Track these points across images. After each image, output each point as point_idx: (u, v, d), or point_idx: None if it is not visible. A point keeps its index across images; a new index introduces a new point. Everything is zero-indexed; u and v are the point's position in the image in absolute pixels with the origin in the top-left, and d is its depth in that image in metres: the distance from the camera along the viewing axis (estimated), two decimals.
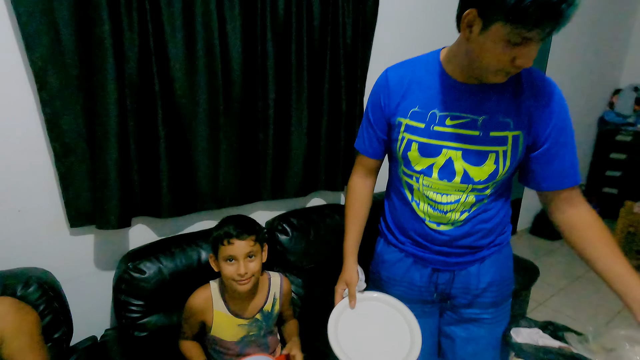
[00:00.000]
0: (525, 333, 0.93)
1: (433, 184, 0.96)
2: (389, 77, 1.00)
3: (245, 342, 1.20)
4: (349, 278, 1.10)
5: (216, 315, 1.17)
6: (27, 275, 1.18)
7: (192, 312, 1.17)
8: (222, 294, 1.19)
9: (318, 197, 2.01)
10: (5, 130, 1.18)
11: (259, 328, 1.21)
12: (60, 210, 1.31)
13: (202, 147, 1.45)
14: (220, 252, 1.11)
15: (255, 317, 1.21)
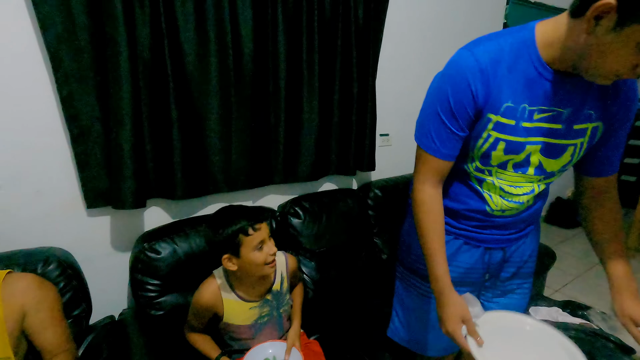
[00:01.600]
0: (545, 311, 0.92)
1: (506, 177, 0.90)
2: (480, 60, 0.79)
3: (259, 324, 1.20)
4: (462, 313, 0.88)
5: (226, 303, 1.16)
6: (46, 254, 1.20)
7: (202, 308, 1.16)
8: (228, 281, 1.18)
9: (329, 182, 2.01)
10: (23, 112, 1.19)
11: (271, 307, 1.22)
12: (77, 192, 1.34)
13: (214, 129, 1.45)
14: (246, 244, 1.07)
15: (265, 297, 1.21)
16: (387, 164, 2.16)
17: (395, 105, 2.14)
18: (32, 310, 1.03)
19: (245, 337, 1.20)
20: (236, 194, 1.68)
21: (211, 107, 1.42)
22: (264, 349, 1.17)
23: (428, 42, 2.18)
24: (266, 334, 1.22)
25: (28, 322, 1.03)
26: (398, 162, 2.25)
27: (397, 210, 2.00)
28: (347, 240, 1.83)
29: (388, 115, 2.09)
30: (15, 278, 1.05)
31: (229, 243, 1.07)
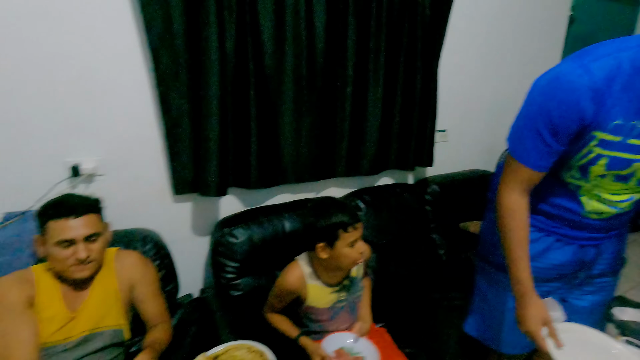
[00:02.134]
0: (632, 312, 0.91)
1: (606, 185, 0.88)
2: (595, 78, 0.74)
3: (336, 308, 1.27)
4: (543, 314, 0.91)
5: (310, 289, 1.22)
6: (143, 235, 1.34)
7: (286, 292, 1.22)
8: (312, 268, 1.24)
9: (386, 177, 2.04)
10: (126, 107, 1.32)
11: (348, 292, 1.28)
12: (166, 180, 1.46)
13: (287, 124, 1.52)
14: (343, 239, 1.12)
15: (343, 283, 1.27)
16: (443, 160, 2.16)
17: (453, 101, 2.13)
18: (138, 283, 1.16)
19: (323, 319, 1.27)
20: (300, 186, 1.75)
21: (285, 103, 1.50)
22: (343, 337, 1.23)
23: (490, 36, 2.14)
24: (342, 317, 1.28)
25: (135, 294, 1.16)
26: (454, 158, 2.24)
27: (456, 206, 2.01)
28: (405, 234, 1.86)
29: (445, 111, 2.08)
30: (124, 254, 1.18)
31: (327, 233, 1.12)
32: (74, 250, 0.98)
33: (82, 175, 1.28)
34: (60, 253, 0.97)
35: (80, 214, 0.99)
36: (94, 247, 1.02)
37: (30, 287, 0.98)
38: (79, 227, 0.98)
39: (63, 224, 0.96)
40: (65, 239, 0.96)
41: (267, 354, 1.05)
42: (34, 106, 1.20)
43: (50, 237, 0.97)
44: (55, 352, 0.96)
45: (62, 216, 0.97)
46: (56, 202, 1.00)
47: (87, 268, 1.01)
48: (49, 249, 0.98)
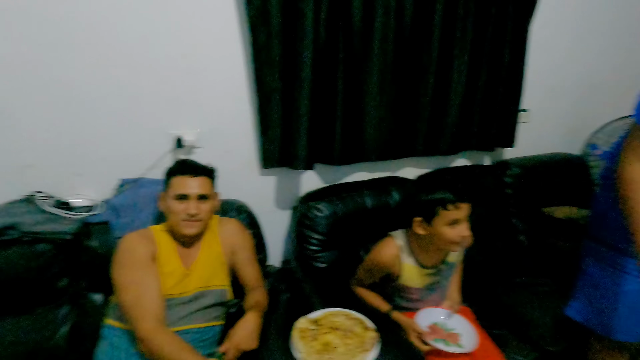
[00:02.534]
0: None
1: None
2: None
3: (429, 288, 1.25)
4: None
5: (405, 267, 1.20)
6: (237, 205, 1.41)
7: (380, 267, 1.21)
8: (408, 246, 1.21)
9: (462, 158, 1.97)
10: (222, 81, 1.38)
11: (442, 277, 1.26)
12: (254, 153, 1.52)
13: (372, 100, 1.51)
14: (441, 217, 1.09)
15: (439, 267, 1.24)
16: (523, 142, 2.04)
17: (537, 80, 1.99)
18: (239, 248, 1.22)
19: (413, 298, 1.26)
20: (377, 164, 1.74)
21: (371, 79, 1.48)
22: (435, 313, 1.22)
23: (582, 9, 1.97)
24: (433, 297, 1.27)
25: (236, 258, 1.22)
26: (535, 140, 2.10)
27: (539, 190, 1.90)
28: (483, 217, 1.79)
29: (528, 89, 1.94)
30: (225, 221, 1.25)
31: (426, 209, 1.11)
32: (187, 205, 1.07)
33: (184, 147, 1.37)
34: (176, 206, 1.07)
35: (197, 174, 1.10)
36: (203, 207, 1.11)
37: (152, 243, 1.07)
38: (194, 185, 1.08)
39: (183, 180, 1.08)
40: (182, 194, 1.07)
41: (367, 322, 1.07)
42: (145, 82, 1.29)
43: (170, 191, 1.09)
44: (173, 305, 1.05)
45: (183, 173, 1.08)
46: (181, 162, 1.13)
47: (195, 225, 1.10)
48: (168, 202, 1.08)
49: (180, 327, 1.04)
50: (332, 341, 1.01)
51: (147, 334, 0.91)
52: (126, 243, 1.04)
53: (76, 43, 1.19)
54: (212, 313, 1.12)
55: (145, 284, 0.98)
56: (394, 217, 1.54)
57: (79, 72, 1.22)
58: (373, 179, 1.67)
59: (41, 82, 1.19)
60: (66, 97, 1.22)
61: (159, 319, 0.95)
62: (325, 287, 1.35)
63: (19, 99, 1.18)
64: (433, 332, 1.16)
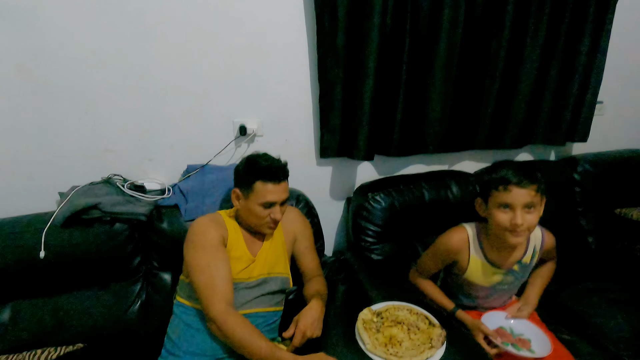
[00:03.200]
0: None
1: None
2: None
3: (496, 289, 1.19)
4: None
5: (472, 260, 1.14)
6: (296, 194, 1.42)
7: (448, 250, 1.16)
8: (478, 239, 1.15)
9: (525, 152, 1.86)
10: (285, 70, 1.39)
11: (515, 278, 1.18)
12: (312, 143, 1.52)
13: (437, 91, 1.45)
14: (493, 198, 1.04)
15: (512, 268, 1.17)
16: (594, 137, 1.88)
17: (616, 68, 1.82)
18: (300, 236, 1.23)
19: (478, 296, 1.21)
20: (434, 157, 1.69)
21: (436, 67, 1.42)
22: (500, 316, 1.17)
23: None
24: (500, 296, 1.22)
25: (296, 246, 1.24)
26: (609, 135, 1.94)
27: (612, 189, 1.76)
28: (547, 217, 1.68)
29: (604, 79, 1.79)
30: (287, 210, 1.25)
31: (483, 189, 1.09)
32: (272, 211, 1.07)
33: (248, 135, 1.39)
34: (262, 212, 1.06)
35: (281, 180, 1.07)
36: (284, 210, 1.12)
37: (222, 228, 1.10)
38: (280, 192, 1.07)
39: (269, 188, 1.05)
40: (270, 202, 1.05)
41: (432, 318, 1.04)
42: (212, 71, 1.32)
43: (254, 196, 1.05)
44: (239, 288, 1.08)
45: (270, 180, 1.05)
46: (266, 167, 1.06)
47: (276, 227, 1.12)
48: (250, 205, 1.07)
49: (246, 310, 1.07)
50: (397, 335, 1.00)
51: (219, 315, 0.94)
52: (199, 226, 1.07)
53: (151, 34, 1.24)
54: (275, 299, 1.15)
55: (217, 267, 1.01)
56: (453, 211, 1.49)
57: (152, 62, 1.27)
58: (431, 172, 1.61)
59: (119, 72, 1.25)
60: (140, 86, 1.28)
61: (229, 301, 0.98)
62: (382, 280, 1.33)
63: (100, 87, 1.25)
64: (500, 335, 1.11)
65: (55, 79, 1.21)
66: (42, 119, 1.24)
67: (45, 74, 1.20)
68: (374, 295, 1.24)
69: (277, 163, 1.10)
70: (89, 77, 1.23)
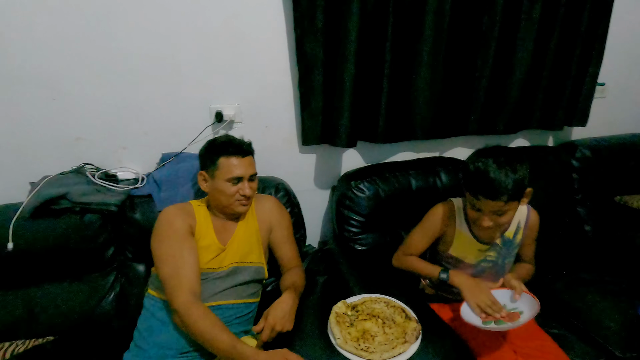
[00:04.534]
0: None
1: None
2: None
3: (481, 267, 1.16)
4: None
5: (457, 234, 1.14)
6: (276, 182, 1.37)
7: (436, 220, 1.15)
8: (465, 214, 1.13)
9: (521, 138, 1.78)
10: (262, 52, 1.32)
11: (498, 254, 1.15)
12: (294, 129, 1.46)
13: (423, 74, 1.38)
14: (467, 195, 1.05)
15: (496, 242, 1.14)
16: (595, 120, 1.79)
17: (620, 48, 1.72)
18: (276, 226, 1.19)
19: None
20: (424, 144, 1.62)
21: (423, 47, 1.34)
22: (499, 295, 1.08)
23: None
24: (485, 278, 1.15)
25: (272, 236, 1.19)
26: (611, 118, 1.85)
27: (612, 176, 1.67)
28: (543, 204, 1.60)
29: (607, 59, 1.68)
30: (263, 199, 1.22)
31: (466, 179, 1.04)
32: (241, 187, 1.05)
33: (224, 122, 1.34)
34: (229, 189, 1.04)
35: (245, 154, 1.07)
36: (254, 186, 1.09)
37: (191, 217, 1.06)
38: (246, 166, 1.06)
39: (233, 162, 1.04)
40: (236, 176, 1.04)
41: (409, 311, 0.99)
42: (185, 53, 1.26)
43: (220, 173, 1.04)
44: (209, 279, 1.05)
45: (232, 154, 1.04)
46: (225, 141, 1.07)
47: (247, 203, 1.09)
48: (218, 183, 1.05)
49: (216, 302, 1.03)
50: (370, 329, 0.95)
51: (183, 307, 0.91)
52: (165, 216, 1.04)
53: (119, 15, 1.18)
54: (248, 290, 1.11)
55: (183, 257, 0.97)
56: (441, 200, 1.42)
57: (122, 45, 1.21)
58: (420, 159, 1.55)
59: (86, 55, 1.20)
60: (110, 70, 1.23)
61: (195, 292, 0.94)
62: (364, 271, 1.28)
63: (67, 72, 1.20)
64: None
65: (18, 64, 1.16)
66: (8, 107, 1.19)
67: (7, 59, 1.15)
68: (354, 287, 1.19)
69: (238, 139, 1.10)
70: (54, 61, 1.18)
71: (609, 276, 1.42)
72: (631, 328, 1.16)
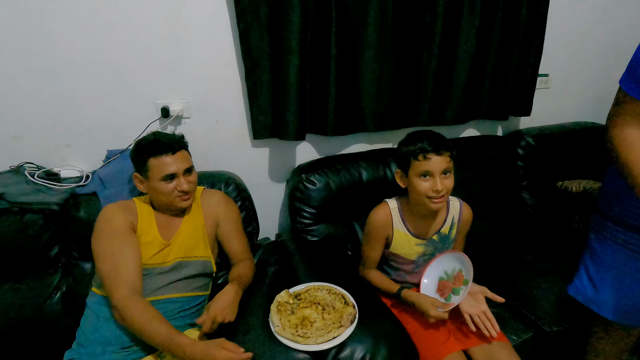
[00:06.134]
0: None
1: None
2: None
3: (420, 261, 1.20)
4: None
5: (396, 233, 1.17)
6: (226, 177, 1.37)
7: (377, 227, 1.17)
8: (400, 213, 1.18)
9: (472, 128, 1.84)
10: (208, 48, 1.31)
11: (435, 249, 1.20)
12: (245, 124, 1.47)
13: (369, 66, 1.40)
14: (413, 168, 1.06)
15: (432, 237, 1.19)
16: (541, 110, 1.88)
17: (563, 40, 1.80)
18: (223, 220, 1.20)
19: (405, 269, 1.22)
20: (377, 135, 1.66)
21: (368, 40, 1.37)
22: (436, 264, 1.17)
23: None
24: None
25: (220, 230, 1.20)
26: (556, 108, 1.94)
27: (554, 163, 1.76)
28: (491, 191, 1.68)
29: (550, 51, 1.76)
30: (209, 193, 1.23)
31: (402, 160, 1.10)
32: (177, 183, 1.05)
33: (171, 117, 1.33)
34: (166, 187, 1.04)
35: (175, 150, 1.06)
36: (192, 179, 1.10)
37: (132, 214, 1.06)
38: (177, 162, 1.05)
39: (164, 161, 1.03)
40: (168, 174, 1.04)
41: (348, 297, 1.03)
42: (127, 50, 1.24)
43: (153, 174, 1.04)
44: (153, 274, 1.05)
45: (161, 153, 1.03)
46: (152, 141, 1.06)
47: (188, 197, 1.09)
48: (153, 184, 1.05)
49: (161, 296, 1.03)
50: (310, 316, 0.98)
51: (121, 302, 0.91)
52: (105, 213, 1.03)
53: (52, 8, 1.15)
54: (194, 283, 1.12)
55: (122, 253, 0.97)
56: (391, 190, 1.46)
57: (58, 39, 1.18)
58: (371, 151, 1.59)
59: (21, 50, 1.16)
60: (47, 65, 1.20)
61: (134, 288, 0.95)
62: (313, 261, 1.32)
63: (1, 67, 1.16)
64: (443, 288, 1.12)
65: None
66: None
67: None
68: (302, 276, 1.22)
69: (167, 136, 1.09)
70: None
71: (549, 257, 1.51)
72: (561, 306, 1.24)
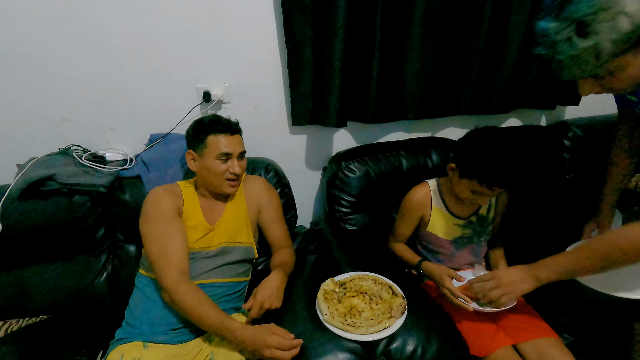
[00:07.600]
0: None
1: None
2: None
3: (459, 243, 1.18)
4: None
5: (434, 212, 1.16)
6: (266, 163, 1.36)
7: (413, 206, 1.18)
8: (440, 193, 1.18)
9: (514, 118, 1.77)
10: (248, 29, 1.29)
11: (473, 231, 1.18)
12: (284, 110, 1.44)
13: (414, 52, 1.35)
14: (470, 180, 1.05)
15: (470, 219, 1.17)
16: (588, 100, 1.77)
17: None
18: (264, 207, 1.19)
19: (443, 252, 1.20)
20: (416, 124, 1.61)
21: (414, 25, 1.31)
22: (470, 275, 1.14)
23: None
24: (463, 256, 1.19)
25: (261, 217, 1.20)
26: (605, 98, 1.81)
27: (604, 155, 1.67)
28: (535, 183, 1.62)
29: None
30: (252, 179, 1.22)
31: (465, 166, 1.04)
32: (230, 164, 1.05)
33: (212, 102, 1.32)
34: (219, 166, 1.04)
35: (234, 132, 1.07)
36: (243, 165, 1.10)
37: (178, 198, 1.06)
38: (235, 144, 1.06)
39: (222, 139, 1.04)
40: (226, 152, 1.04)
41: (395, 287, 1.01)
42: (170, 32, 1.23)
43: (209, 150, 1.04)
44: (198, 258, 1.06)
45: (221, 132, 1.04)
46: (214, 119, 1.07)
47: (236, 184, 1.09)
48: (207, 162, 1.05)
49: (206, 280, 1.04)
50: (357, 305, 0.97)
51: (171, 285, 0.92)
52: (152, 197, 1.04)
53: None
54: (238, 269, 1.12)
55: (170, 236, 0.98)
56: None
57: (105, 22, 1.18)
58: (411, 139, 1.54)
59: (69, 33, 1.17)
60: (96, 48, 1.20)
61: (183, 270, 0.96)
62: (354, 250, 1.30)
63: (49, 50, 1.17)
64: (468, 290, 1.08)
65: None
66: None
67: None
68: (344, 265, 1.21)
69: (226, 118, 1.10)
70: (36, 39, 1.15)
71: None
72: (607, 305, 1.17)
